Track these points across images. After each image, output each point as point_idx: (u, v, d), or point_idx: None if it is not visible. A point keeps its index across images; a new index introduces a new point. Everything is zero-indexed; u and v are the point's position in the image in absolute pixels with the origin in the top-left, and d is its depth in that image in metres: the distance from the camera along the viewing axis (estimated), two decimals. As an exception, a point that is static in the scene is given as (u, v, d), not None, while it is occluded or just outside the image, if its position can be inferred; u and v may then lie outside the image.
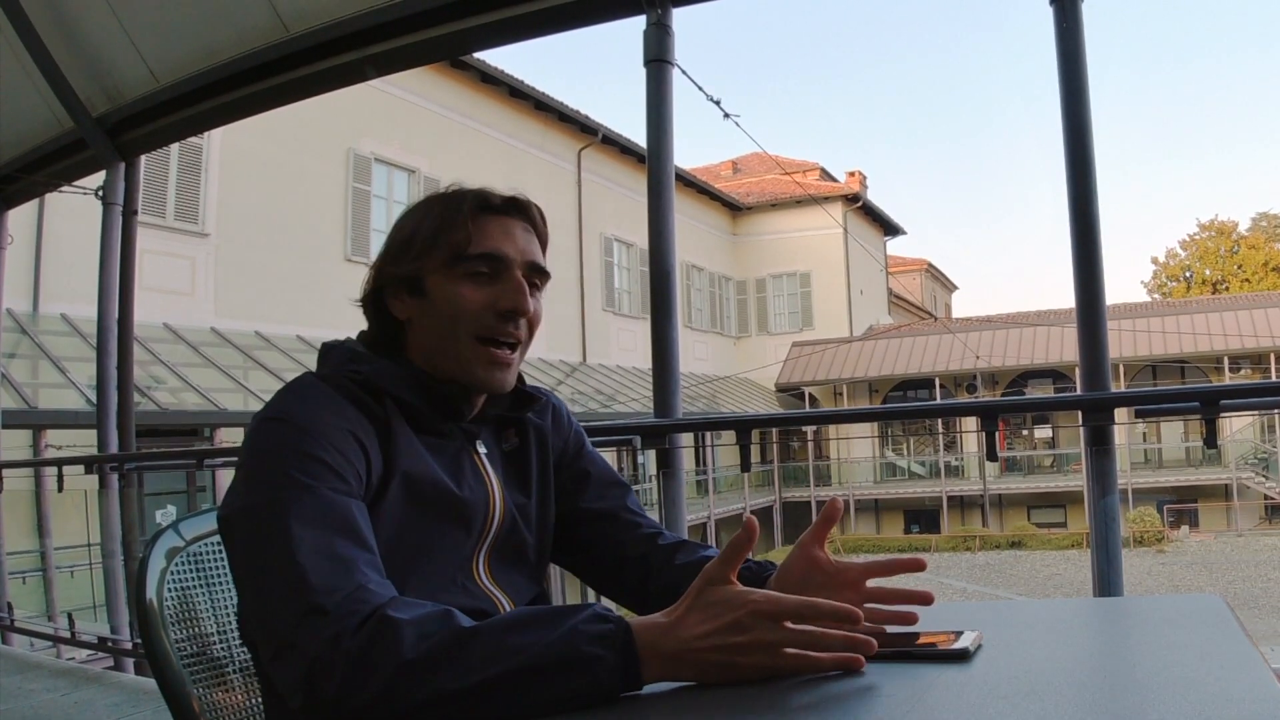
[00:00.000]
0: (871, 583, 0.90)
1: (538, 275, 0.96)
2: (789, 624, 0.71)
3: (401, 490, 0.88)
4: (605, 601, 1.06)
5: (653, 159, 2.39)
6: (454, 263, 0.92)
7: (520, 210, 0.96)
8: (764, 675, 0.71)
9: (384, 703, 0.67)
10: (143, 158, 3.74)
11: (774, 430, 23.95)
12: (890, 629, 0.85)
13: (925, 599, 0.87)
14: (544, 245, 0.98)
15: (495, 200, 0.94)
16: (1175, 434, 22.01)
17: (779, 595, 0.72)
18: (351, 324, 1.01)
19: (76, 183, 3.89)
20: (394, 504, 0.87)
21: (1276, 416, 17.59)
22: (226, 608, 1.05)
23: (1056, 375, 22.15)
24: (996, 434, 2.07)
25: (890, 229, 29.54)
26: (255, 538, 0.77)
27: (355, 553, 0.76)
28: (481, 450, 0.99)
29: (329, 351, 0.95)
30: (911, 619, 0.85)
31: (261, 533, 0.77)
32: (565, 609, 0.72)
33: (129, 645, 3.47)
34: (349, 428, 0.84)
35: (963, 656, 0.75)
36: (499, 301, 0.92)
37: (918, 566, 0.89)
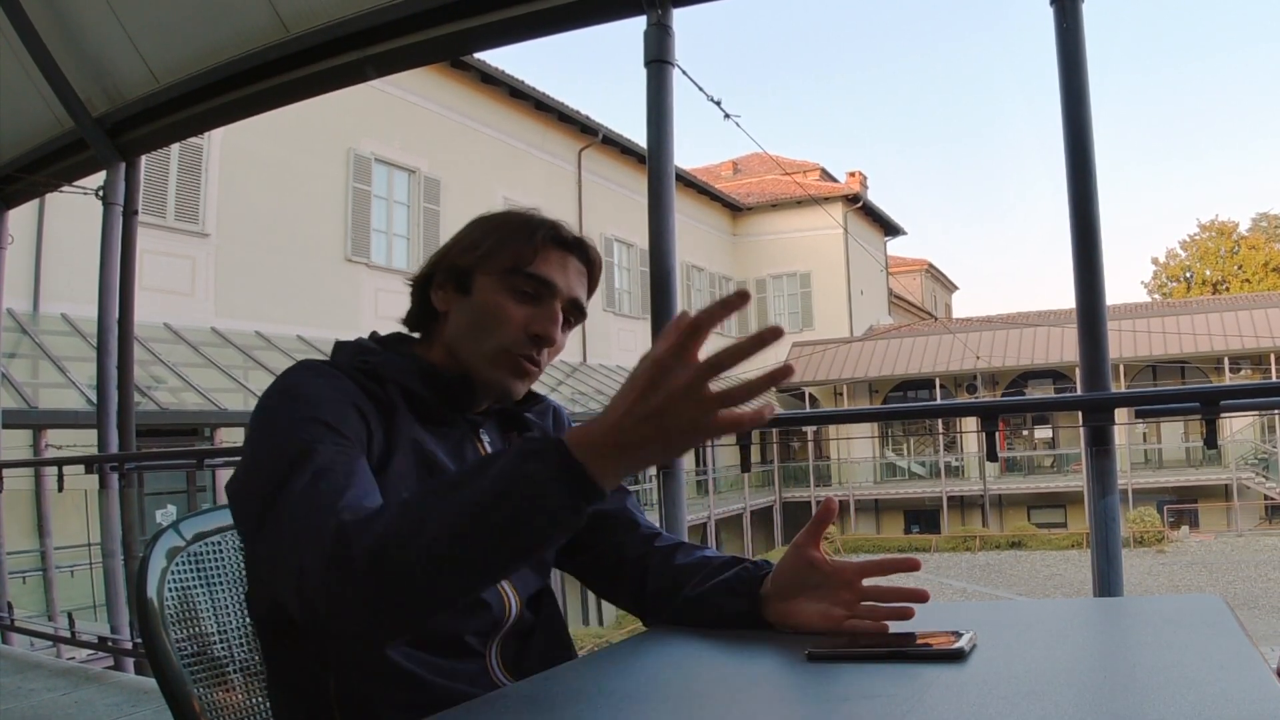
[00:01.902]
0: (867, 582, 0.90)
1: (575, 312, 1.01)
2: (701, 369, 0.66)
3: (402, 468, 0.90)
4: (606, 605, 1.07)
5: (653, 159, 2.39)
6: (508, 274, 0.97)
7: (583, 253, 1.02)
8: (699, 433, 0.66)
9: (365, 593, 0.69)
10: (143, 158, 3.74)
11: (774, 430, 23.90)
12: (890, 629, 0.85)
13: (921, 597, 0.88)
14: (592, 290, 1.04)
15: (566, 235, 1.00)
16: (1175, 434, 22.01)
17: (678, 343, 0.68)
18: (351, 324, 1.02)
19: (77, 183, 3.89)
20: (394, 481, 0.88)
21: (1276, 416, 17.59)
22: (227, 608, 1.05)
23: (1056, 375, 22.14)
24: (996, 434, 2.07)
25: (890, 229, 29.53)
26: (257, 498, 0.79)
27: (347, 492, 0.78)
28: (485, 438, 1.02)
29: (341, 346, 0.99)
30: (908, 615, 0.86)
31: (264, 494, 0.78)
32: (495, 454, 0.74)
33: (129, 645, 3.47)
34: (351, 400, 0.88)
35: (959, 656, 0.75)
36: (532, 324, 0.97)
37: (913, 566, 0.90)
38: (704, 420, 0.67)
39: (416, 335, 1.05)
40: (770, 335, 0.65)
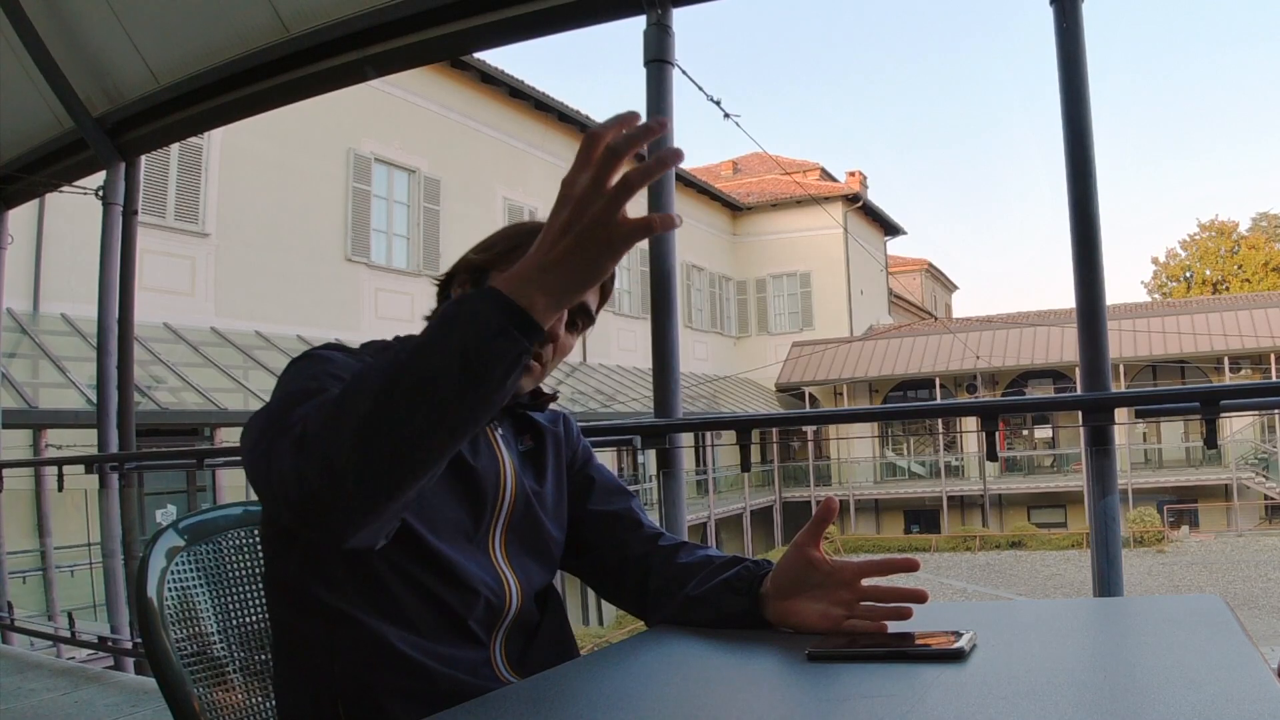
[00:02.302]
0: (867, 582, 0.90)
1: (582, 316, 1.03)
2: (616, 191, 0.68)
3: None
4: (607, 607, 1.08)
5: (653, 159, 2.39)
6: None
7: None
8: (617, 238, 0.68)
9: (327, 458, 0.69)
10: (143, 158, 3.74)
11: (774, 430, 23.93)
12: (890, 629, 0.85)
13: (920, 597, 0.88)
14: (604, 299, 1.06)
15: None
16: (1175, 434, 22.01)
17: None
18: (351, 324, 1.04)
19: (76, 183, 3.89)
20: None
21: (1276, 416, 17.59)
22: (227, 608, 1.05)
23: (1056, 375, 22.15)
24: (996, 434, 2.07)
25: (890, 229, 29.53)
26: (261, 422, 0.80)
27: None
28: (498, 432, 1.04)
29: (368, 344, 1.03)
30: (906, 614, 0.86)
31: (266, 419, 0.80)
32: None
33: (129, 645, 3.48)
34: None
35: (959, 656, 0.75)
36: None
37: (911, 567, 0.90)
38: (610, 215, 0.68)
39: None
40: (672, 158, 0.68)
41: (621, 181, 0.68)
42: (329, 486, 0.69)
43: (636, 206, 0.73)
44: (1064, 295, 61.17)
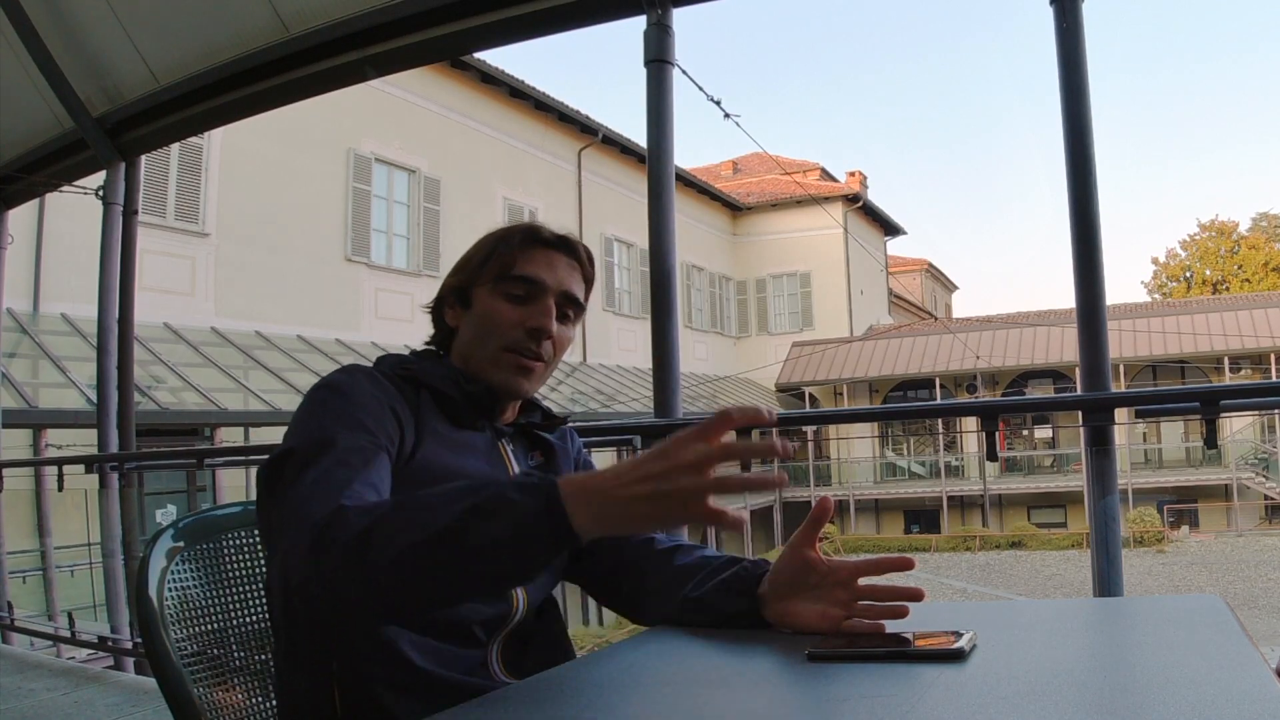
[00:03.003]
0: (863, 581, 0.90)
1: (571, 305, 1.07)
2: (714, 449, 0.69)
3: (429, 458, 0.94)
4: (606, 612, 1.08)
5: (653, 159, 2.39)
6: (498, 281, 1.04)
7: (567, 248, 1.08)
8: (687, 506, 0.69)
9: (342, 576, 0.72)
10: (143, 157, 3.74)
11: (774, 430, 23.85)
12: (889, 629, 0.85)
13: (916, 595, 0.89)
14: (588, 284, 1.10)
15: (545, 235, 1.07)
16: (1175, 434, 22.00)
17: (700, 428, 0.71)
18: (351, 324, 1.05)
19: (77, 183, 3.89)
20: (421, 468, 0.93)
21: (1276, 416, 17.59)
22: (227, 607, 1.05)
23: (1056, 375, 22.14)
24: (997, 434, 2.07)
25: (890, 229, 29.53)
26: (280, 473, 0.83)
27: (354, 484, 0.81)
28: (508, 447, 1.06)
29: (384, 358, 1.06)
30: (903, 613, 0.87)
31: (286, 471, 0.83)
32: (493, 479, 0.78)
33: (129, 645, 3.47)
34: (388, 400, 0.94)
35: (959, 656, 0.75)
36: (528, 320, 1.03)
37: (906, 565, 0.91)
38: (696, 497, 0.69)
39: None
40: (775, 482, 0.74)
41: (720, 479, 0.69)
42: (333, 599, 0.73)
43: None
44: (1064, 295, 61.20)
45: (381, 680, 0.88)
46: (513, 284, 1.04)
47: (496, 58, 19.12)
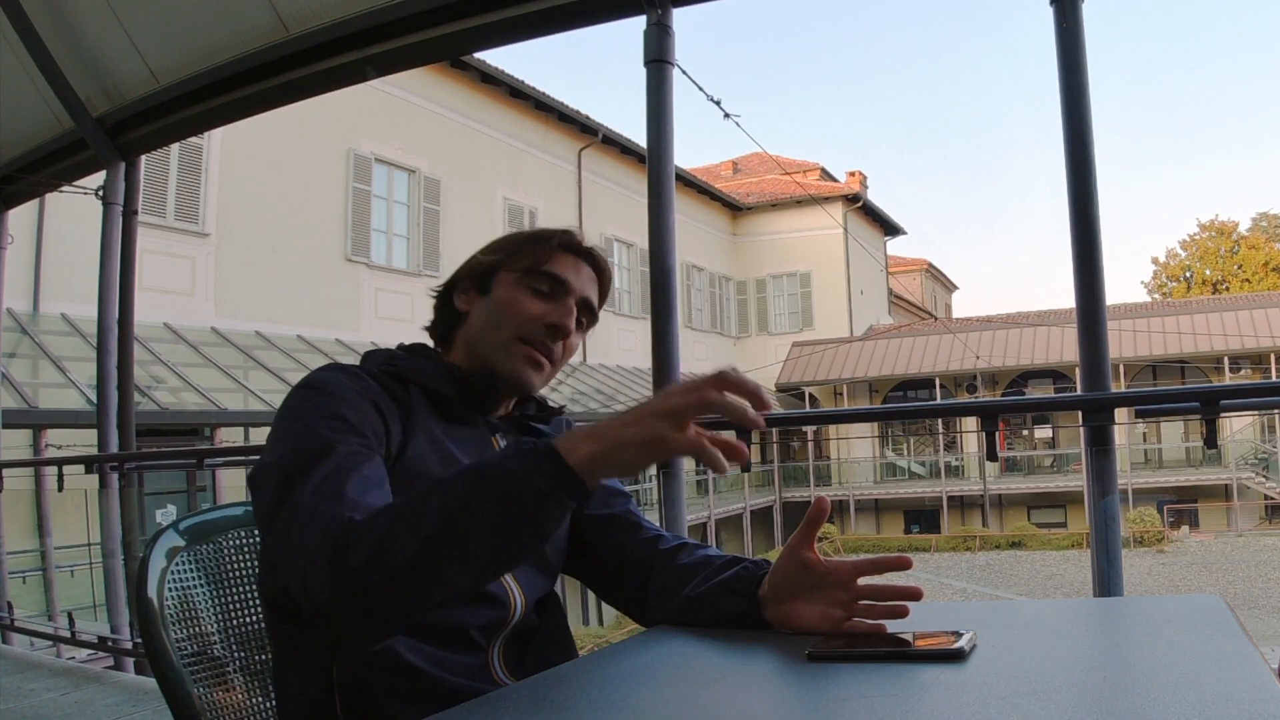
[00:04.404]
0: (862, 581, 0.90)
1: (586, 314, 1.09)
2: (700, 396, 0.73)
3: (419, 455, 0.94)
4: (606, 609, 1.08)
5: (653, 159, 2.39)
6: (526, 273, 1.06)
7: (594, 261, 1.11)
8: (669, 436, 0.72)
9: (367, 588, 0.73)
10: (143, 158, 3.74)
11: (774, 430, 23.91)
12: (889, 629, 0.85)
13: (915, 594, 0.89)
14: (603, 298, 1.13)
15: (579, 243, 1.10)
16: (1175, 434, 22.00)
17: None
18: (351, 324, 1.04)
19: (76, 183, 3.89)
20: (411, 467, 0.92)
21: (1276, 416, 17.59)
22: (227, 608, 1.05)
23: (1056, 375, 22.14)
24: (996, 434, 2.07)
25: (890, 229, 29.53)
26: (276, 487, 0.82)
27: (357, 493, 0.81)
28: (501, 441, 1.06)
29: (370, 354, 1.06)
30: (903, 612, 0.87)
31: (282, 484, 0.82)
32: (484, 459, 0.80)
33: (129, 645, 3.47)
34: (371, 398, 0.94)
35: (959, 656, 0.75)
36: (548, 316, 1.05)
37: (904, 564, 0.90)
38: (680, 415, 0.72)
39: (438, 350, 1.11)
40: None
41: (702, 395, 0.73)
42: (363, 616, 0.75)
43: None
44: (1064, 295, 61.20)
45: (383, 688, 0.88)
46: (540, 279, 1.05)
47: (496, 58, 19.12)
